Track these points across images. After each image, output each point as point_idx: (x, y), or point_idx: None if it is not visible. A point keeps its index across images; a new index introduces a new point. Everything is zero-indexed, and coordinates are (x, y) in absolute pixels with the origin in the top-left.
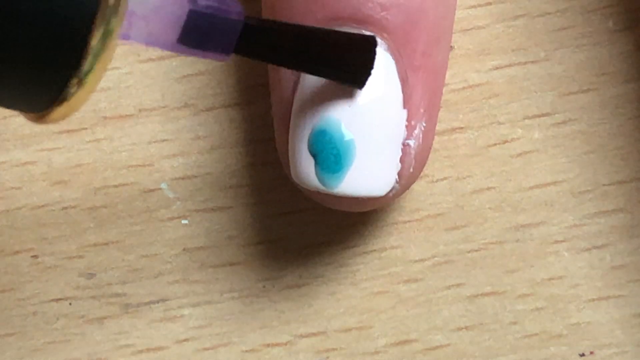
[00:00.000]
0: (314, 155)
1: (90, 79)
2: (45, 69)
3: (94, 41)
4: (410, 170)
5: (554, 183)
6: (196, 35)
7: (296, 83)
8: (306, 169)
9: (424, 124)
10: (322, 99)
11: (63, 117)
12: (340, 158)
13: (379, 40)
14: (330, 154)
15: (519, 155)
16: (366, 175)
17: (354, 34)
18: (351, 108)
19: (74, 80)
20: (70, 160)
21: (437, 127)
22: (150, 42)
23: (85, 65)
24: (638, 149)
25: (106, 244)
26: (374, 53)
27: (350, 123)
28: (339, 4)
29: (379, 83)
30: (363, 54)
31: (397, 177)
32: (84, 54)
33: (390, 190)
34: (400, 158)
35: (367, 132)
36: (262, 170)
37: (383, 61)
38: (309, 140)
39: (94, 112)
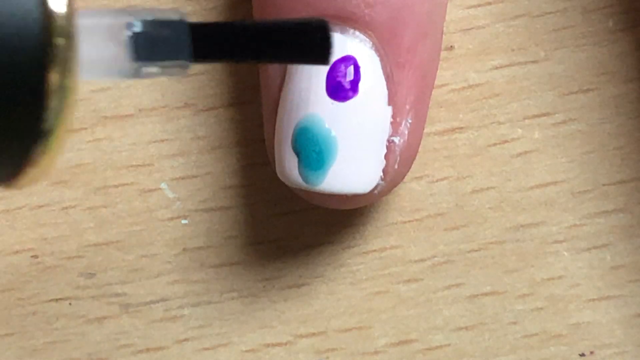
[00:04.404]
0: (297, 153)
1: (53, 139)
2: (5, 139)
3: (52, 101)
4: (395, 167)
5: (554, 183)
6: (148, 46)
7: (282, 81)
8: (290, 166)
9: (410, 121)
10: (306, 96)
11: (33, 182)
12: (322, 155)
13: (363, 37)
14: (312, 151)
15: (519, 155)
16: (349, 172)
17: (302, 18)
18: (334, 105)
19: (38, 146)
20: (70, 160)
21: (437, 127)
22: (106, 72)
23: (47, 126)
24: (638, 149)
25: (106, 244)
26: (328, 29)
27: (333, 120)
28: (323, 2)
29: (364, 80)
30: (318, 33)
31: (381, 174)
32: (42, 116)
33: (375, 188)
34: (385, 155)
35: (351, 129)
36: (262, 170)
37: (368, 58)
38: (292, 137)
39: (94, 112)
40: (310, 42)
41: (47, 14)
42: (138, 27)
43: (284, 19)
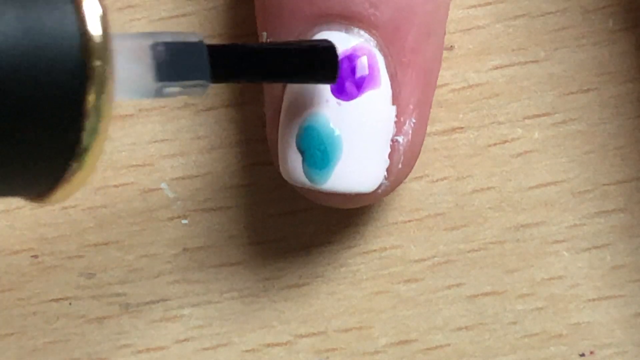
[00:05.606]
0: (301, 152)
1: (88, 157)
2: (41, 156)
3: (88, 121)
4: (399, 167)
5: (554, 183)
6: (170, 66)
7: None
8: (294, 165)
9: (414, 120)
10: (311, 95)
11: (65, 198)
12: (327, 154)
13: (368, 36)
14: (317, 150)
15: (519, 155)
16: (354, 171)
17: (311, 40)
18: (339, 104)
19: (73, 164)
20: None
21: (437, 127)
22: (130, 92)
23: (83, 145)
24: (638, 149)
25: (106, 244)
26: (335, 51)
27: (338, 119)
28: (328, 1)
29: (368, 79)
30: (326, 54)
31: (385, 173)
32: (79, 136)
33: (379, 187)
34: (389, 154)
35: (355, 128)
36: (262, 170)
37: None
38: (297, 136)
39: None
40: (319, 62)
41: (85, 37)
42: (161, 49)
43: (295, 41)
